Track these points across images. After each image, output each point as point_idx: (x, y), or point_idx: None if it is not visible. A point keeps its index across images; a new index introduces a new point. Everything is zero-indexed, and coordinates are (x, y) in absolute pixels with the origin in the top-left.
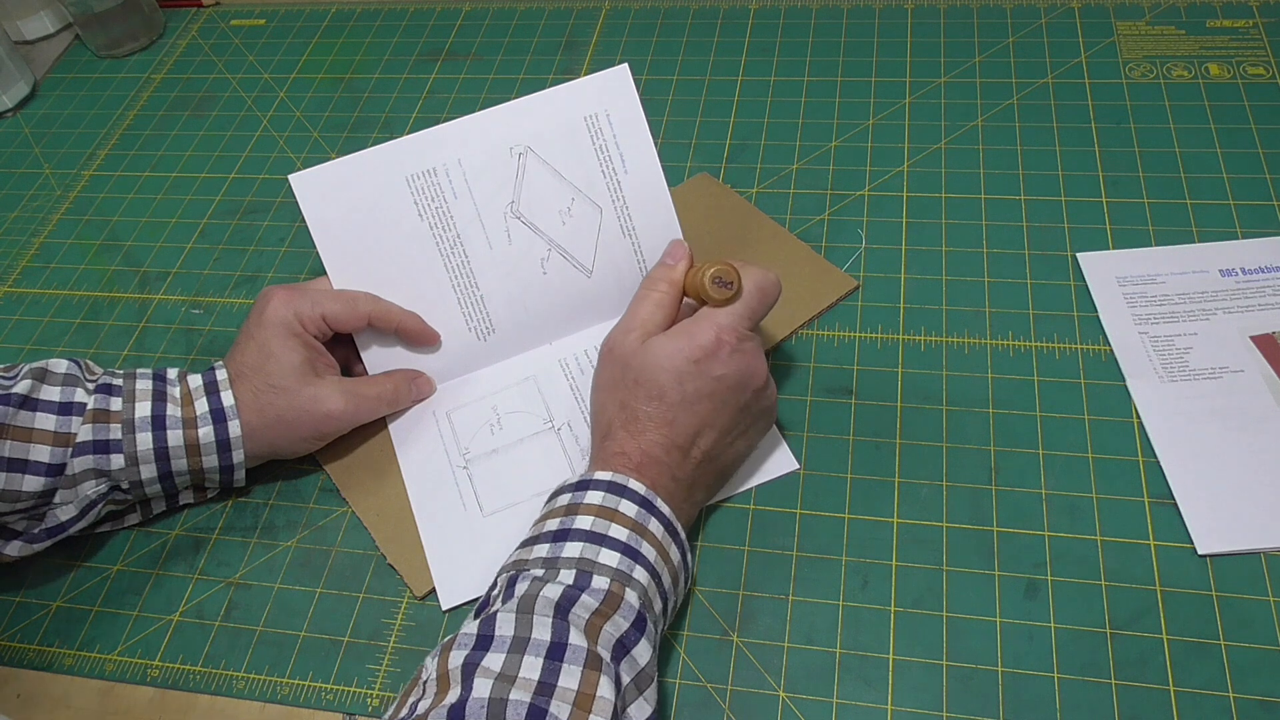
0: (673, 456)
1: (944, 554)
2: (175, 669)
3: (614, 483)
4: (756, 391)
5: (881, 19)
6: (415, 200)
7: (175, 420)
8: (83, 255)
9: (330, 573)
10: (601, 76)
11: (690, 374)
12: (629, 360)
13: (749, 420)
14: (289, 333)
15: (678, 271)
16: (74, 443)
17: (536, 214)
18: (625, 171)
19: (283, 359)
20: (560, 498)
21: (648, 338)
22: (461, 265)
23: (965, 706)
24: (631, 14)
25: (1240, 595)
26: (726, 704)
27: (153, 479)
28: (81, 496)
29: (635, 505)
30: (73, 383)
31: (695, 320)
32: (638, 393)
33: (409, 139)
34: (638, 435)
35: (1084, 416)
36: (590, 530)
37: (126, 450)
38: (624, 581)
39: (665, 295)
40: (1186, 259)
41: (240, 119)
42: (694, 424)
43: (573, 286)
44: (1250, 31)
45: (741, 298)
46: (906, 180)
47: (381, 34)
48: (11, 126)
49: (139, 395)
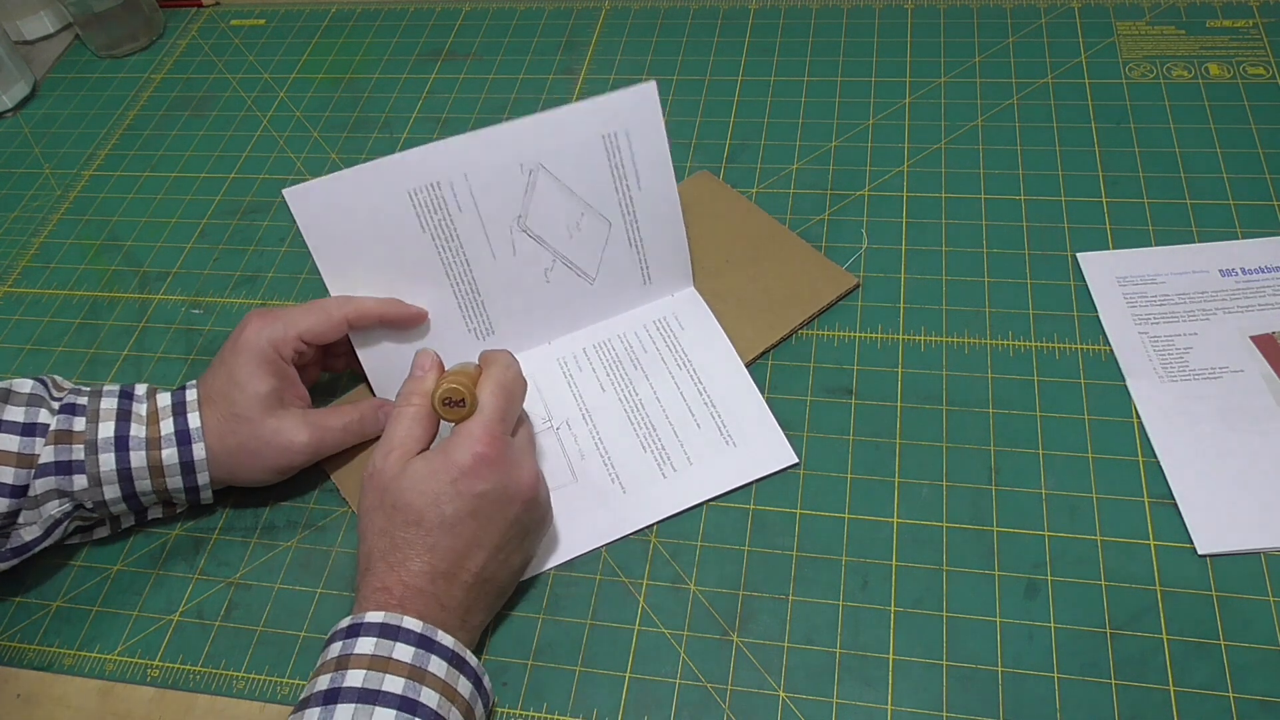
0: (437, 585)
1: (944, 554)
2: (175, 669)
3: (387, 625)
4: (526, 503)
5: (881, 19)
6: (418, 214)
7: (139, 441)
8: (83, 255)
9: (330, 573)
10: (627, 94)
11: (448, 495)
12: (387, 485)
13: (520, 531)
14: (261, 360)
15: (427, 383)
16: (36, 464)
17: (544, 229)
18: (639, 189)
19: (248, 388)
20: (332, 647)
21: (407, 459)
22: (463, 274)
23: (965, 706)
24: (631, 14)
25: (1240, 595)
26: (726, 704)
27: (117, 499)
28: (45, 517)
29: (411, 647)
30: (37, 403)
31: (452, 438)
32: (395, 518)
33: (411, 153)
34: (398, 566)
35: (1084, 416)
36: (362, 688)
37: (89, 471)
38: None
39: (418, 410)
40: (1186, 259)
41: (240, 119)
42: (458, 546)
43: (574, 291)
44: (1250, 31)
45: (484, 406)
46: (906, 180)
47: (381, 34)
48: (11, 126)
49: (103, 415)
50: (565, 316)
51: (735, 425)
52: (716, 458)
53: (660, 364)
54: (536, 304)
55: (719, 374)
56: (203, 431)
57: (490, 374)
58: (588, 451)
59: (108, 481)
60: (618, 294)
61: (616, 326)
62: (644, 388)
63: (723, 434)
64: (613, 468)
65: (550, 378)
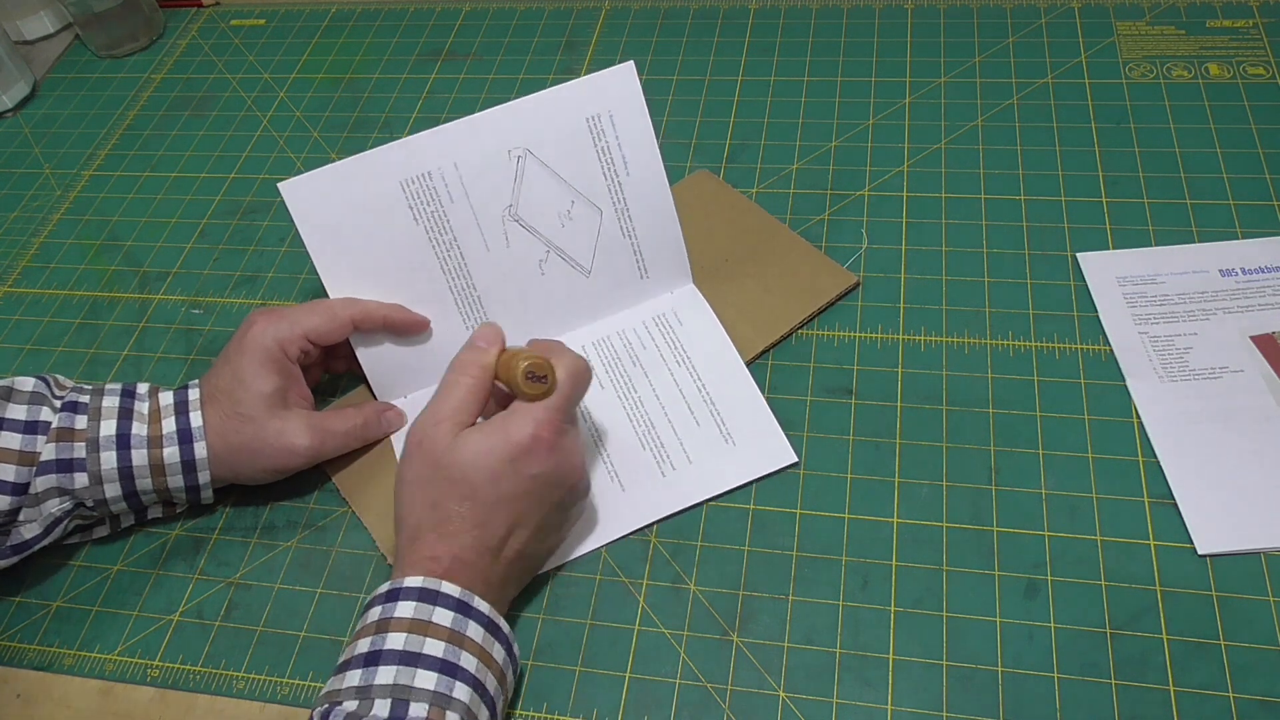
0: (484, 559)
1: (944, 554)
2: (175, 669)
3: (425, 589)
4: (572, 489)
5: (881, 19)
6: (410, 204)
7: (140, 440)
8: (83, 255)
9: (330, 573)
10: (606, 75)
11: (506, 474)
12: (440, 458)
13: (562, 517)
14: (266, 359)
15: (489, 356)
16: (38, 461)
17: (535, 217)
18: (627, 174)
19: (253, 387)
20: (371, 611)
21: (459, 430)
22: (459, 267)
23: (965, 706)
24: (631, 14)
25: (1240, 595)
26: (726, 704)
27: (117, 497)
28: (46, 515)
29: (451, 611)
30: (39, 400)
31: (510, 415)
32: (450, 492)
33: (402, 142)
34: (449, 538)
35: (1084, 416)
36: (403, 650)
37: (90, 469)
38: (443, 705)
39: (476, 381)
40: (1186, 259)
41: (240, 119)
42: (507, 523)
43: (570, 286)
44: (1250, 31)
45: (556, 389)
46: (906, 180)
47: (381, 34)
48: (11, 126)
49: (104, 413)
50: (562, 311)
51: (735, 424)
52: (716, 456)
53: (660, 362)
54: (533, 298)
55: (719, 372)
56: (205, 430)
57: (564, 361)
58: (587, 449)
59: (108, 480)
60: (615, 288)
61: (616, 323)
62: (643, 385)
63: (722, 433)
64: (612, 466)
65: None
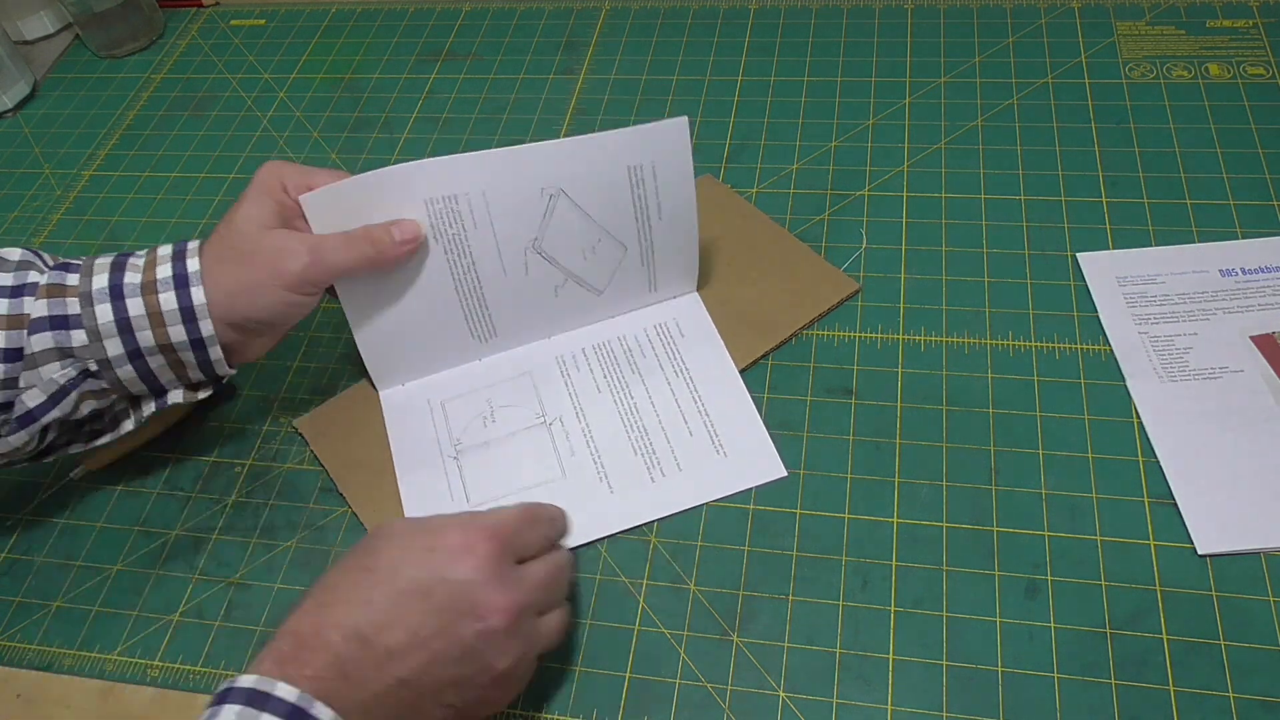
0: (351, 646)
1: (944, 554)
2: (175, 669)
3: (255, 690)
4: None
5: (881, 19)
6: (432, 223)
7: (134, 288)
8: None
9: None
10: (658, 127)
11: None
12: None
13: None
14: (264, 190)
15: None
16: (28, 322)
17: (558, 251)
18: (660, 218)
19: (250, 211)
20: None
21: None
22: (473, 287)
23: (965, 706)
24: (631, 14)
25: (1240, 595)
26: (726, 704)
27: (121, 357)
28: (47, 380)
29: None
30: (26, 267)
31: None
32: (351, 562)
33: (432, 162)
34: (323, 608)
35: (1084, 416)
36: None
37: (87, 324)
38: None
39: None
40: (1186, 259)
41: (240, 119)
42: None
43: (581, 301)
44: (1250, 31)
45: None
46: (906, 180)
47: (381, 34)
48: (11, 126)
49: (97, 270)
50: (568, 320)
51: (727, 435)
52: (706, 466)
53: (657, 369)
54: (542, 313)
55: (715, 383)
56: (202, 275)
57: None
58: (578, 449)
59: (107, 335)
60: (622, 300)
61: (617, 328)
62: (639, 391)
63: (714, 443)
64: (602, 467)
65: (547, 373)
